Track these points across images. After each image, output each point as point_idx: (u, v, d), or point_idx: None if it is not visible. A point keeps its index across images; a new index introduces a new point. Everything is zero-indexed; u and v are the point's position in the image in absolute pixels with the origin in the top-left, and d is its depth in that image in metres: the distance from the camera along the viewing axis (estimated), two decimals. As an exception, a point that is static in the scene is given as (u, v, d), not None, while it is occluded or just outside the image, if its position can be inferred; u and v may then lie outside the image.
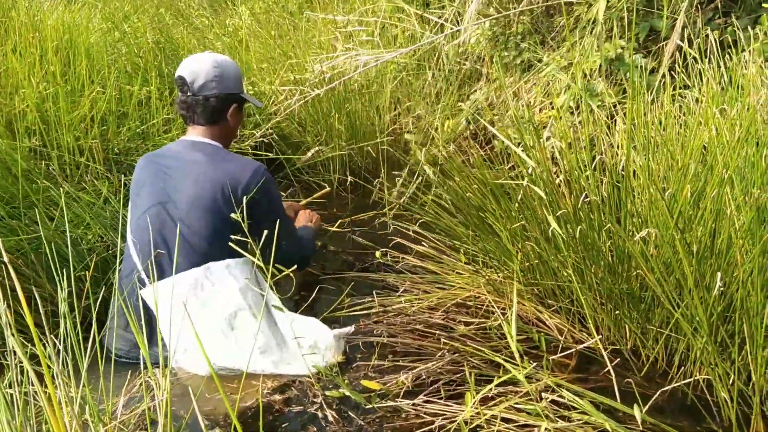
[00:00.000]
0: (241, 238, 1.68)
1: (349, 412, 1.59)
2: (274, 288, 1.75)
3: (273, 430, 1.57)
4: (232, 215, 1.72)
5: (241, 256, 1.87)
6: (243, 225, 1.67)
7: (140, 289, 1.80)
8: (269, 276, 1.57)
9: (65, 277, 1.39)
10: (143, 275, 1.81)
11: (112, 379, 1.48)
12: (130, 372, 1.71)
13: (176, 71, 1.98)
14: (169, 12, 4.99)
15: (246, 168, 1.92)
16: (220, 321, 1.77)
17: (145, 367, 1.47)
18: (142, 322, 1.77)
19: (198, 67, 1.97)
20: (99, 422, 1.37)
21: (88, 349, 1.33)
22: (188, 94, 1.97)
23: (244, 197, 1.83)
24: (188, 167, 1.91)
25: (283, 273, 1.64)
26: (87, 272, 1.86)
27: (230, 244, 1.72)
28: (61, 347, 1.35)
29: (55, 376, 1.35)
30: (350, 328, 1.87)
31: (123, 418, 1.46)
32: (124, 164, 2.69)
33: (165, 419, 1.25)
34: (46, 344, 1.37)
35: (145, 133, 2.83)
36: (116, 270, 1.82)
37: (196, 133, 2.00)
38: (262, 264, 1.55)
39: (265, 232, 1.67)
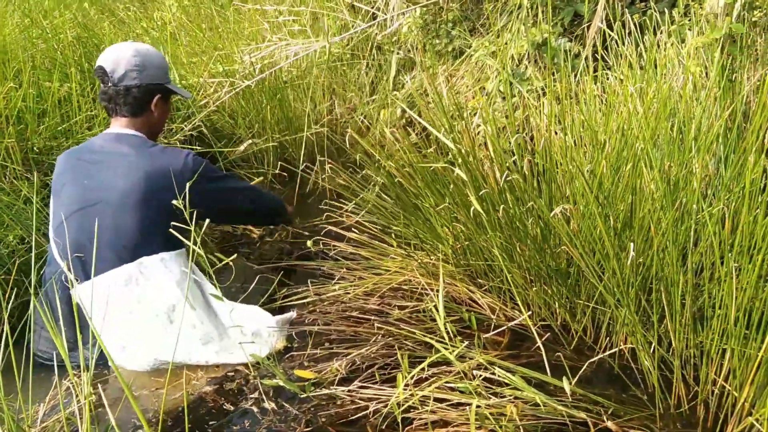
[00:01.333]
0: (182, 225, 1.63)
1: (284, 403, 1.58)
2: (213, 277, 1.71)
3: (208, 423, 1.54)
4: (174, 202, 1.67)
5: (174, 248, 1.82)
6: (185, 212, 1.62)
7: (71, 288, 1.73)
8: (208, 266, 1.55)
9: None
10: (71, 275, 1.74)
11: (30, 384, 1.42)
12: (56, 376, 1.64)
13: (97, 62, 1.91)
14: (94, 6, 4.81)
15: (175, 156, 1.87)
16: (158, 315, 1.73)
17: (68, 372, 1.41)
18: (61, 324, 1.70)
19: (118, 56, 1.90)
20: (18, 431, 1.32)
21: (0, 354, 1.26)
22: (109, 84, 1.89)
23: (184, 184, 1.77)
24: (114, 161, 1.84)
25: (223, 262, 1.62)
26: (8, 276, 1.78)
27: (172, 231, 1.68)
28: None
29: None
30: (292, 314, 1.86)
31: (45, 424, 1.40)
32: (45, 164, 2.58)
33: (85, 425, 1.20)
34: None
35: (67, 131, 2.72)
36: (37, 271, 1.74)
37: (119, 126, 1.93)
38: (202, 252, 1.52)
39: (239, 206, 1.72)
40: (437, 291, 1.88)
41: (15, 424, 1.31)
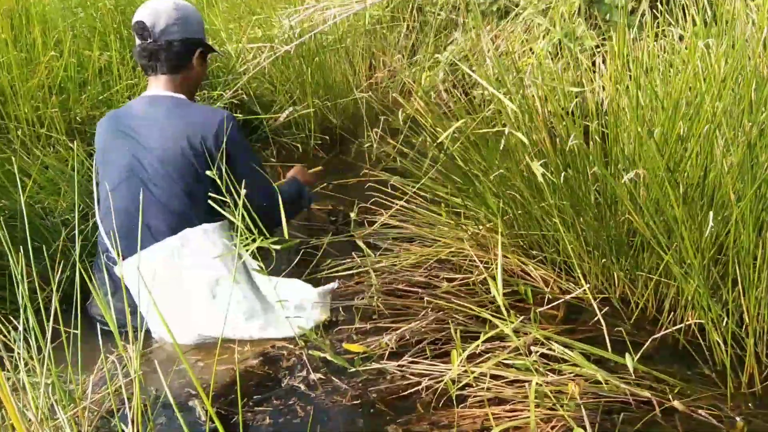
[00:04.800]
0: (219, 197, 1.59)
1: (333, 376, 1.54)
2: (256, 254, 1.66)
3: (255, 394, 1.52)
4: (207, 172, 1.62)
5: (218, 218, 1.78)
6: (219, 182, 1.58)
7: (117, 264, 1.71)
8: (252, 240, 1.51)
9: (28, 253, 1.31)
10: (114, 252, 1.71)
11: (80, 356, 1.40)
12: (104, 347, 1.64)
13: (134, 18, 1.83)
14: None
15: (211, 116, 1.80)
16: (201, 290, 1.70)
17: (122, 341, 1.39)
18: (109, 295, 1.69)
19: (158, 9, 1.82)
20: (69, 404, 1.31)
21: (49, 327, 1.25)
22: (149, 40, 1.81)
23: (216, 148, 1.73)
24: (152, 125, 1.79)
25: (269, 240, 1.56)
26: (59, 245, 1.78)
27: (210, 203, 1.65)
28: (20, 328, 1.28)
29: (19, 359, 1.28)
30: (335, 284, 1.81)
31: (95, 398, 1.39)
32: (88, 133, 2.57)
33: (135, 399, 1.18)
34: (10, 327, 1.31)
35: (108, 99, 2.70)
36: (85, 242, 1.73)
37: (158, 85, 1.86)
38: (244, 225, 1.48)
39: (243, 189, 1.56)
40: (488, 263, 1.80)
41: (67, 394, 1.31)
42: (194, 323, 1.69)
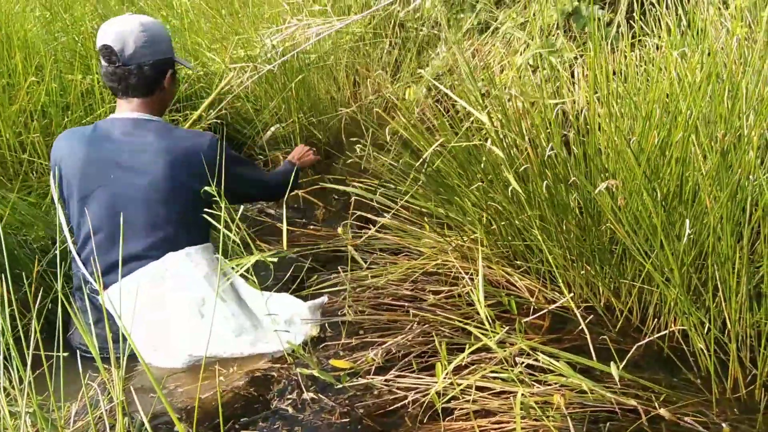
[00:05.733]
0: (214, 212, 1.60)
1: (320, 393, 1.53)
2: (250, 273, 1.66)
3: (243, 416, 1.51)
4: (206, 188, 1.63)
5: (201, 241, 1.79)
6: (219, 200, 1.58)
7: (102, 288, 1.69)
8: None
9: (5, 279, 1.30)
10: (100, 277, 1.70)
11: (62, 382, 1.39)
12: (87, 373, 1.62)
13: (98, 38, 1.76)
14: (114, -3, 4.78)
15: (199, 140, 1.80)
16: (188, 310, 1.69)
17: (101, 368, 1.38)
18: (91, 322, 1.68)
19: (124, 31, 1.74)
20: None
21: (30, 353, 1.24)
22: (117, 64, 1.75)
23: (210, 169, 1.74)
24: (140, 150, 1.75)
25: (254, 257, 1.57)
26: (32, 271, 1.76)
27: (198, 225, 1.70)
28: (0, 356, 1.26)
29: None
30: (324, 299, 1.81)
31: (78, 425, 1.37)
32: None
33: (119, 426, 1.17)
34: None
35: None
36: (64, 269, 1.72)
37: (132, 108, 1.80)
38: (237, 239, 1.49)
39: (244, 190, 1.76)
40: (473, 274, 1.81)
41: (49, 424, 1.29)
42: (183, 345, 1.67)
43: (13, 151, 2.43)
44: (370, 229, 2.09)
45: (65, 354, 1.33)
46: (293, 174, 2.07)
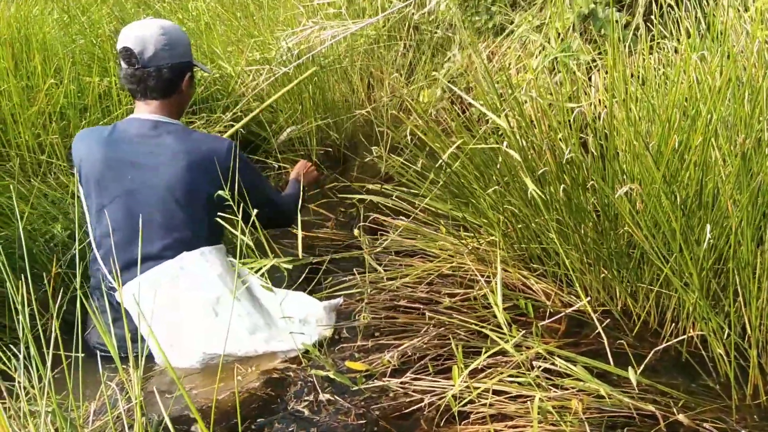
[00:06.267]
0: (229, 216, 1.61)
1: (336, 395, 1.53)
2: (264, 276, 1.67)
3: (259, 417, 1.51)
4: (220, 192, 1.64)
5: (215, 242, 1.80)
6: (234, 205, 1.59)
7: (117, 284, 1.71)
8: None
9: (26, 279, 1.31)
10: (118, 275, 1.72)
11: (81, 381, 1.40)
12: (105, 372, 1.64)
13: (118, 41, 1.79)
14: (131, 1, 4.83)
15: (218, 144, 1.82)
16: (203, 309, 1.70)
17: (119, 368, 1.39)
18: (110, 321, 1.69)
19: (144, 35, 1.78)
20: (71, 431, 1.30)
21: (48, 353, 1.25)
22: (136, 66, 1.78)
23: (226, 174, 1.75)
24: (159, 153, 1.77)
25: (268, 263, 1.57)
26: (51, 272, 1.78)
27: (213, 227, 1.70)
28: (21, 355, 1.28)
29: (19, 387, 1.28)
30: (339, 300, 1.82)
31: (96, 425, 1.38)
32: (89, 158, 2.58)
33: (137, 425, 1.18)
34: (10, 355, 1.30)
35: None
36: (83, 267, 1.73)
37: (150, 110, 1.83)
38: (250, 242, 1.50)
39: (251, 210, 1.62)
40: (489, 277, 1.80)
41: (68, 422, 1.30)
42: (198, 343, 1.69)
43: (32, 152, 2.46)
44: (385, 230, 2.09)
45: (82, 355, 1.34)
46: (299, 196, 2.10)
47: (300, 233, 1.69)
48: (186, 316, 1.71)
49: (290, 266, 1.57)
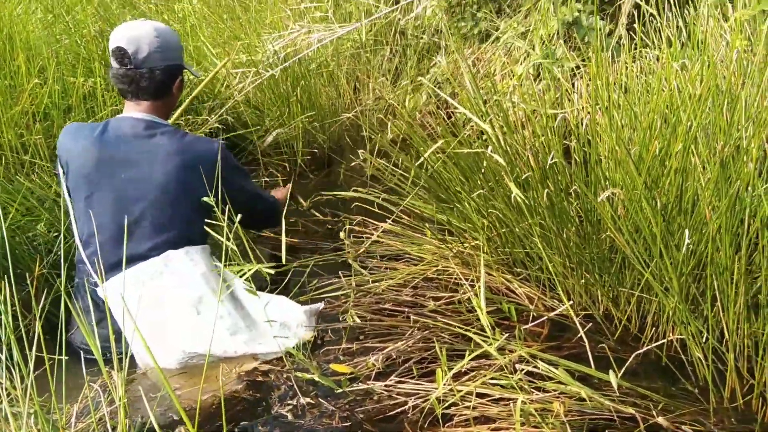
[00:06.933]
0: (214, 222, 1.61)
1: (320, 398, 1.54)
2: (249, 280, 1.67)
3: (241, 419, 1.51)
4: (205, 199, 1.64)
5: (200, 242, 1.81)
6: (217, 209, 1.60)
7: (101, 282, 1.71)
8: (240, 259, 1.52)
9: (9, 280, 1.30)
10: (103, 274, 1.72)
11: (65, 383, 1.39)
12: (88, 375, 1.63)
13: (111, 40, 1.79)
14: (116, 1, 4.80)
15: (209, 146, 1.83)
16: (185, 307, 1.71)
17: (103, 370, 1.38)
18: (93, 320, 1.68)
19: (138, 36, 1.78)
20: None
21: (31, 352, 1.24)
22: (129, 66, 1.78)
23: (214, 175, 1.75)
24: (153, 153, 1.77)
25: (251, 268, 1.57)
26: (34, 271, 1.77)
27: (201, 227, 1.70)
28: (2, 357, 1.27)
29: (1, 389, 1.27)
30: (320, 305, 1.83)
31: (79, 427, 1.38)
32: (72, 159, 2.56)
33: (120, 427, 1.17)
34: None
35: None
36: (67, 266, 1.72)
37: (141, 110, 1.84)
38: (234, 246, 1.50)
39: (241, 202, 1.67)
40: (474, 281, 1.82)
41: (50, 424, 1.29)
42: (178, 341, 1.69)
43: (15, 152, 2.44)
44: (371, 234, 2.10)
45: (66, 357, 1.34)
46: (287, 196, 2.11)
47: (284, 238, 1.69)
48: (168, 313, 1.71)
49: (272, 272, 1.57)
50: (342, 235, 1.91)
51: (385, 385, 1.53)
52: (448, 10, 3.36)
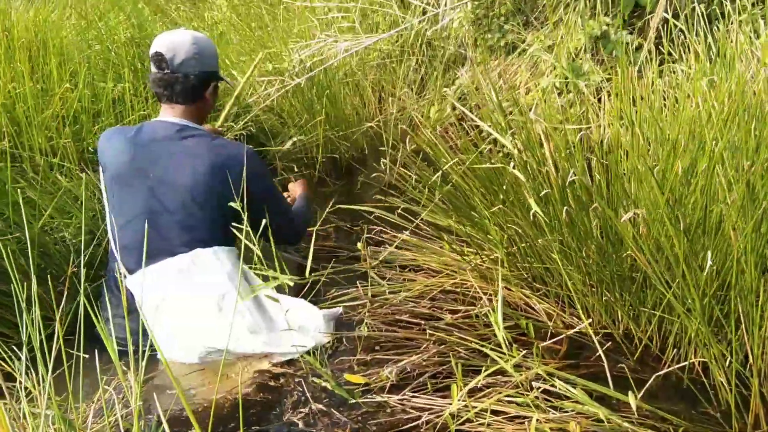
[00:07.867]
0: (239, 225, 1.63)
1: (332, 407, 1.53)
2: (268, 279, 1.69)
3: (254, 422, 1.51)
4: (231, 204, 1.66)
5: (227, 244, 1.83)
6: (242, 214, 1.62)
7: (125, 278, 1.76)
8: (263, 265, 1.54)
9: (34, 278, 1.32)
10: (122, 268, 1.76)
11: (82, 380, 1.41)
12: (106, 374, 1.64)
13: (152, 46, 1.89)
14: (147, 8, 4.90)
15: (238, 150, 1.86)
16: (208, 304, 1.75)
17: (118, 370, 1.40)
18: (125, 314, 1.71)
19: (175, 42, 1.88)
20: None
21: (52, 352, 1.26)
22: (166, 70, 1.87)
23: (241, 181, 1.78)
24: (183, 156, 1.83)
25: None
26: (67, 270, 1.81)
27: (227, 230, 1.73)
28: (23, 356, 1.29)
29: (21, 388, 1.29)
30: (339, 310, 1.85)
31: (95, 428, 1.39)
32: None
33: (134, 430, 1.18)
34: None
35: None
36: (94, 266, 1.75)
37: (174, 114, 1.91)
38: (258, 252, 1.51)
39: (263, 219, 1.64)
40: (491, 295, 1.80)
41: (67, 423, 1.31)
42: (200, 335, 1.73)
43: (44, 155, 2.49)
44: (389, 244, 2.09)
45: (92, 350, 1.35)
46: (310, 208, 2.12)
47: (311, 249, 1.71)
48: (191, 308, 1.75)
49: (292, 284, 1.58)
50: (360, 245, 1.91)
51: (399, 399, 1.52)
52: (474, 22, 3.36)
